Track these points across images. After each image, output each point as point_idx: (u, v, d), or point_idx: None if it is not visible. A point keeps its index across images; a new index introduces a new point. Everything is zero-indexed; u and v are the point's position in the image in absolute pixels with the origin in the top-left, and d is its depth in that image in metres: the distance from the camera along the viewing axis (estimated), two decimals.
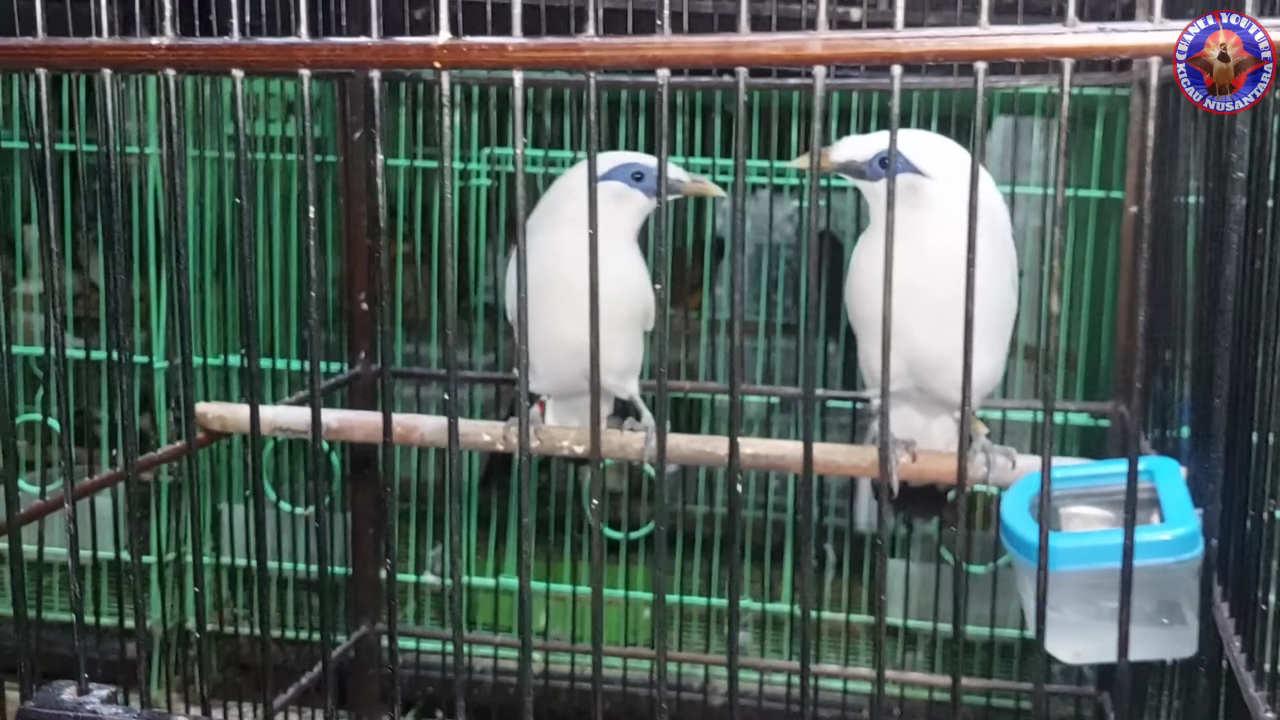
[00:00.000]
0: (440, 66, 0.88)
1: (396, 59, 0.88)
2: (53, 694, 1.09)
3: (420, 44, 0.88)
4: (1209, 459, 1.48)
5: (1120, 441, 2.21)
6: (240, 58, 0.90)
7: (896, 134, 0.85)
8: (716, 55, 0.84)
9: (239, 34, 0.90)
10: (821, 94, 0.85)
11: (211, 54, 0.91)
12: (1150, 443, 1.96)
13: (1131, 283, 2.21)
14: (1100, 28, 0.79)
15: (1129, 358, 2.23)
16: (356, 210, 2.57)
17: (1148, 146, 0.84)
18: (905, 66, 0.84)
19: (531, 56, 0.86)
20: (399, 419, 2.01)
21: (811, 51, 0.83)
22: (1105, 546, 1.48)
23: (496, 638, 2.95)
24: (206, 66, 0.91)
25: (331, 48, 0.89)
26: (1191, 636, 1.52)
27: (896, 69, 0.83)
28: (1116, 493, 1.63)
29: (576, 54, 0.86)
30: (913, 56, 0.82)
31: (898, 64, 0.83)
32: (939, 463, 1.86)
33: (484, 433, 1.96)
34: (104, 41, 0.93)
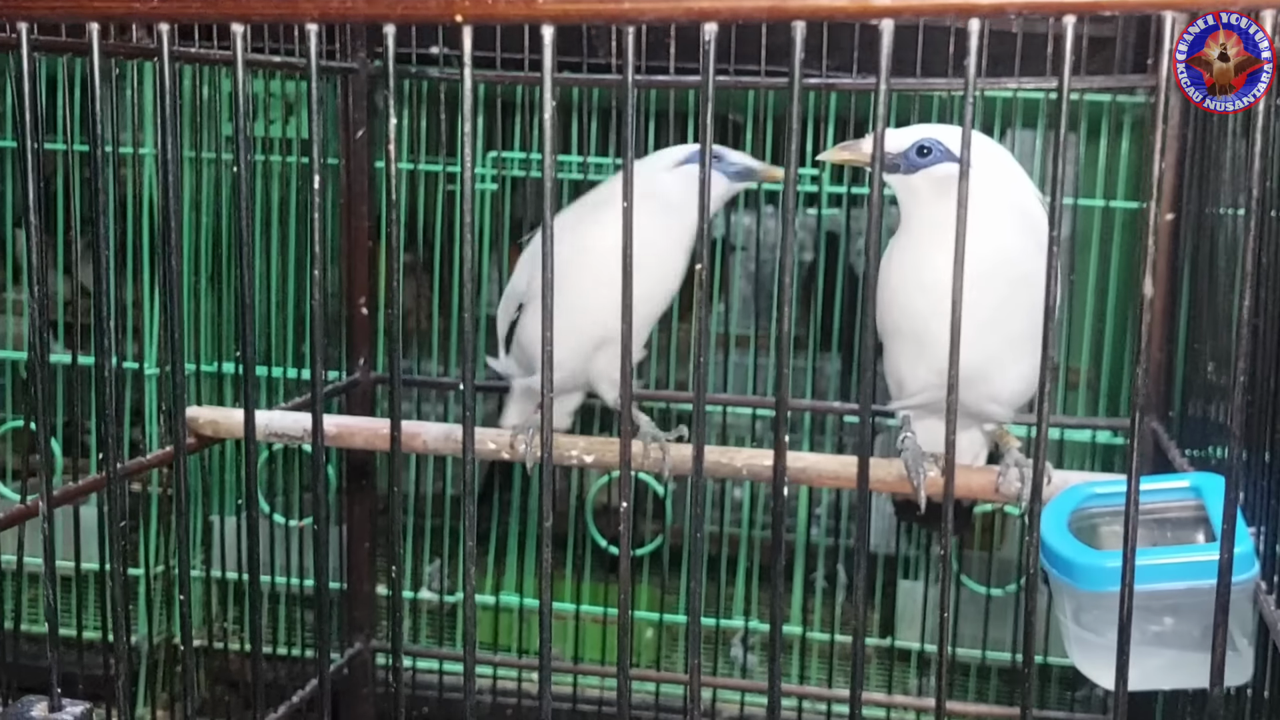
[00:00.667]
0: (463, 20, 0.79)
1: (414, 12, 0.79)
2: (23, 709, 1.00)
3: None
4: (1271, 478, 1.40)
5: (1152, 458, 2.12)
6: (241, 10, 0.82)
7: (972, 94, 0.76)
8: (771, 8, 0.75)
9: None
10: (888, 52, 0.76)
11: (210, 5, 0.82)
12: (1188, 460, 1.88)
13: (1166, 294, 2.12)
14: None
15: (1161, 372, 2.15)
16: (358, 213, 2.49)
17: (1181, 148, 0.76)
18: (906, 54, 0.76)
19: (564, 10, 0.78)
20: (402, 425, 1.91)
21: (879, 4, 0.74)
22: (1154, 566, 1.40)
23: (496, 656, 2.85)
24: (205, 19, 0.82)
25: (341, 0, 0.80)
26: (1244, 663, 1.43)
27: (974, 23, 0.75)
28: (1159, 509, 1.55)
29: (615, 7, 0.77)
30: (993, 10, 0.73)
31: (976, 17, 0.74)
32: (968, 478, 1.77)
33: (489, 440, 1.88)
34: None
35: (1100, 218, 2.60)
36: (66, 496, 1.77)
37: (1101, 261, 2.64)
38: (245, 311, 0.96)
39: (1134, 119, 2.53)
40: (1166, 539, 1.55)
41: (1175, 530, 1.55)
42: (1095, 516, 1.56)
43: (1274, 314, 1.42)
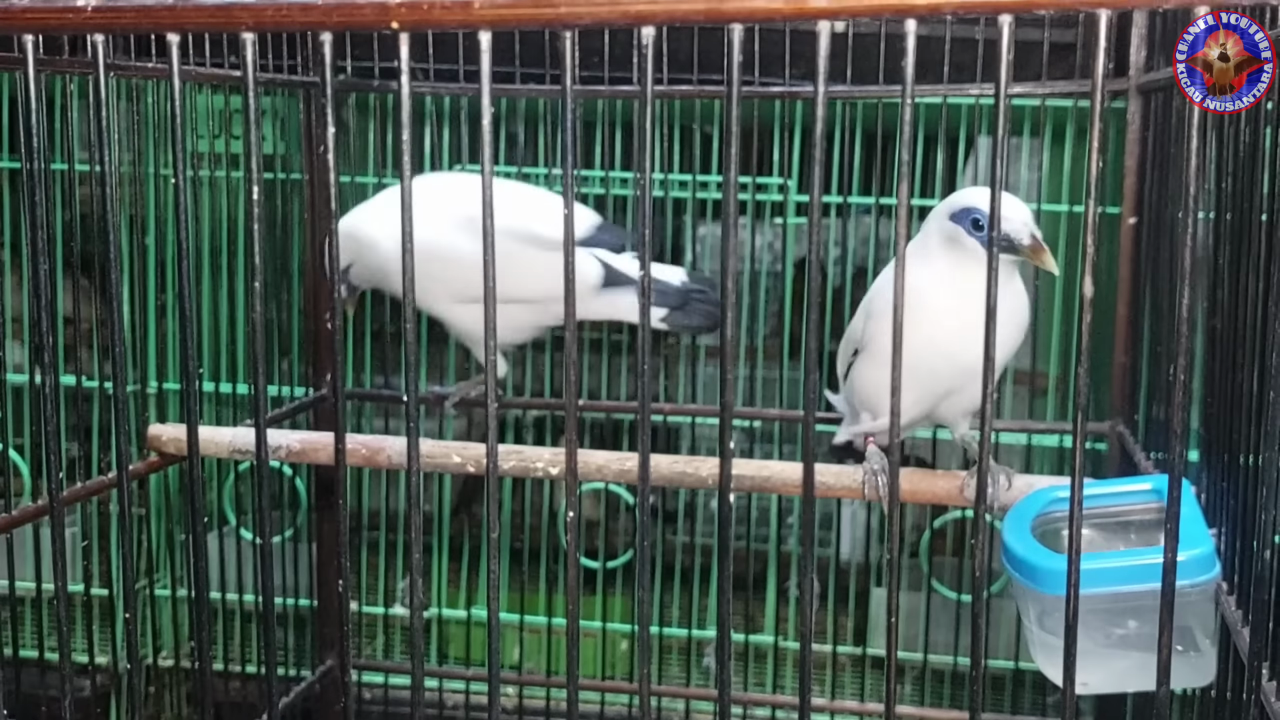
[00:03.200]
0: (399, 27, 0.78)
1: (350, 19, 0.79)
2: None
3: (376, 2, 0.78)
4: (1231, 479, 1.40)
5: (1119, 461, 2.12)
6: (176, 20, 0.81)
7: (909, 98, 0.76)
8: (709, 10, 0.75)
9: None
10: (826, 53, 0.76)
11: (145, 16, 0.81)
12: (1153, 463, 1.88)
13: (1129, 298, 2.13)
14: None
15: (1126, 375, 2.15)
16: (323, 228, 2.47)
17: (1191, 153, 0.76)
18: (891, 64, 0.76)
19: (500, 15, 0.77)
20: (364, 440, 1.91)
21: (816, 5, 0.74)
22: (1114, 569, 1.40)
23: (469, 671, 2.84)
24: (139, 29, 0.81)
25: (278, 8, 0.80)
26: (1207, 664, 1.43)
27: (911, 23, 0.74)
28: (1121, 513, 1.55)
29: (551, 11, 0.76)
30: (929, 9, 0.73)
31: (913, 17, 0.74)
32: (933, 482, 1.78)
33: (454, 454, 1.87)
34: (23, 3, 0.83)
35: (1066, 222, 2.61)
36: (26, 516, 1.76)
37: (1068, 266, 2.65)
38: (184, 324, 0.94)
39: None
40: (1130, 541, 1.55)
41: (1139, 532, 1.56)
42: (1059, 520, 1.56)
43: (1230, 316, 1.42)
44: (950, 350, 1.65)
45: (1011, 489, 1.72)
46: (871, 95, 2.33)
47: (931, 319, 1.64)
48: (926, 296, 1.64)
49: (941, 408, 1.75)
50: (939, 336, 1.64)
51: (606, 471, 1.83)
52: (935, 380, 1.69)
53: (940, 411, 1.76)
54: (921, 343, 1.61)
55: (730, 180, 0.77)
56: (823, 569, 3.18)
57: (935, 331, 1.64)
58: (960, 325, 1.62)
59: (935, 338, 1.64)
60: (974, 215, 1.64)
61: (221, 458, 2.21)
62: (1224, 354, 1.46)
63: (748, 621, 2.92)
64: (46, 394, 0.96)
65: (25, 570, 2.29)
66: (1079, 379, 0.71)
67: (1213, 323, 1.53)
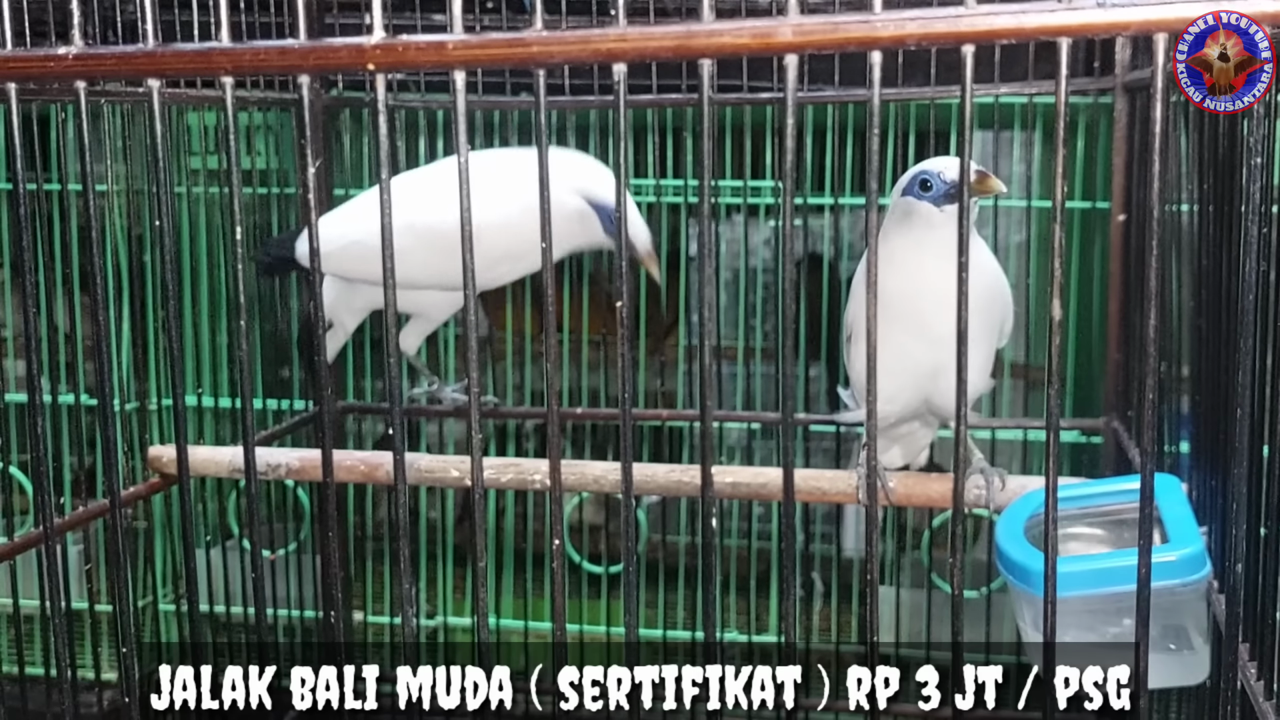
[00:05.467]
0: (374, 69, 0.80)
1: (326, 62, 0.80)
2: None
3: (352, 45, 0.80)
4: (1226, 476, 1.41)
5: (1114, 458, 2.14)
6: (156, 66, 0.82)
7: (878, 118, 0.77)
8: (677, 46, 0.76)
9: (154, 39, 0.81)
10: (794, 87, 0.77)
11: (125, 62, 0.83)
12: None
13: (1121, 294, 2.14)
14: (1099, 2, 0.72)
15: (1120, 371, 2.16)
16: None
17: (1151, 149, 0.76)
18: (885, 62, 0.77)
19: (473, 55, 0.79)
20: (362, 456, 1.92)
21: (782, 39, 0.75)
22: (1107, 570, 1.41)
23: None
24: (120, 76, 0.83)
25: (255, 52, 0.81)
26: (1201, 663, 1.44)
27: (875, 55, 0.76)
28: (1116, 512, 1.57)
29: (523, 50, 0.78)
30: (893, 40, 0.74)
31: (877, 49, 0.75)
32: (928, 485, 1.79)
33: (453, 468, 1.88)
34: (4, 52, 0.85)
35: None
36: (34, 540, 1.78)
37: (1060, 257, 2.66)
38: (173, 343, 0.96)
39: (1087, 120, 2.54)
40: (1124, 540, 1.56)
41: (1132, 531, 1.56)
42: None
43: (1215, 313, 1.43)
44: (922, 323, 1.66)
45: (1005, 490, 1.73)
46: (860, 99, 2.34)
47: (900, 293, 1.65)
48: (894, 271, 1.66)
49: (936, 396, 1.74)
50: (909, 309, 1.66)
51: (604, 482, 1.85)
52: (914, 357, 1.70)
53: (937, 401, 1.76)
54: (894, 317, 1.61)
55: (704, 187, 0.78)
56: (827, 566, 3.20)
57: (904, 306, 1.65)
58: (931, 294, 1.64)
59: (905, 311, 1.65)
60: (920, 178, 1.68)
61: (223, 477, 2.22)
62: (1210, 352, 1.47)
63: (754, 621, 2.93)
64: (39, 432, 0.98)
65: (31, 588, 2.30)
66: (1050, 399, 0.72)
67: (1198, 321, 1.54)
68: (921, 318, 1.66)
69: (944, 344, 1.65)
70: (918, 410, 1.80)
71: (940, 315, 1.57)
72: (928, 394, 1.75)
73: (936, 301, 1.59)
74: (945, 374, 1.69)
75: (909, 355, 1.68)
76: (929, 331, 1.66)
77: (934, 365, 1.70)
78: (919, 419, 1.86)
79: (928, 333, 1.66)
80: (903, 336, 1.66)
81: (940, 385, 1.73)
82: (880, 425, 1.79)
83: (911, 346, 1.68)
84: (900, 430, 1.89)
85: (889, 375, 1.67)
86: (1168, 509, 1.48)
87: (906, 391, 1.74)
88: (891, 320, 1.58)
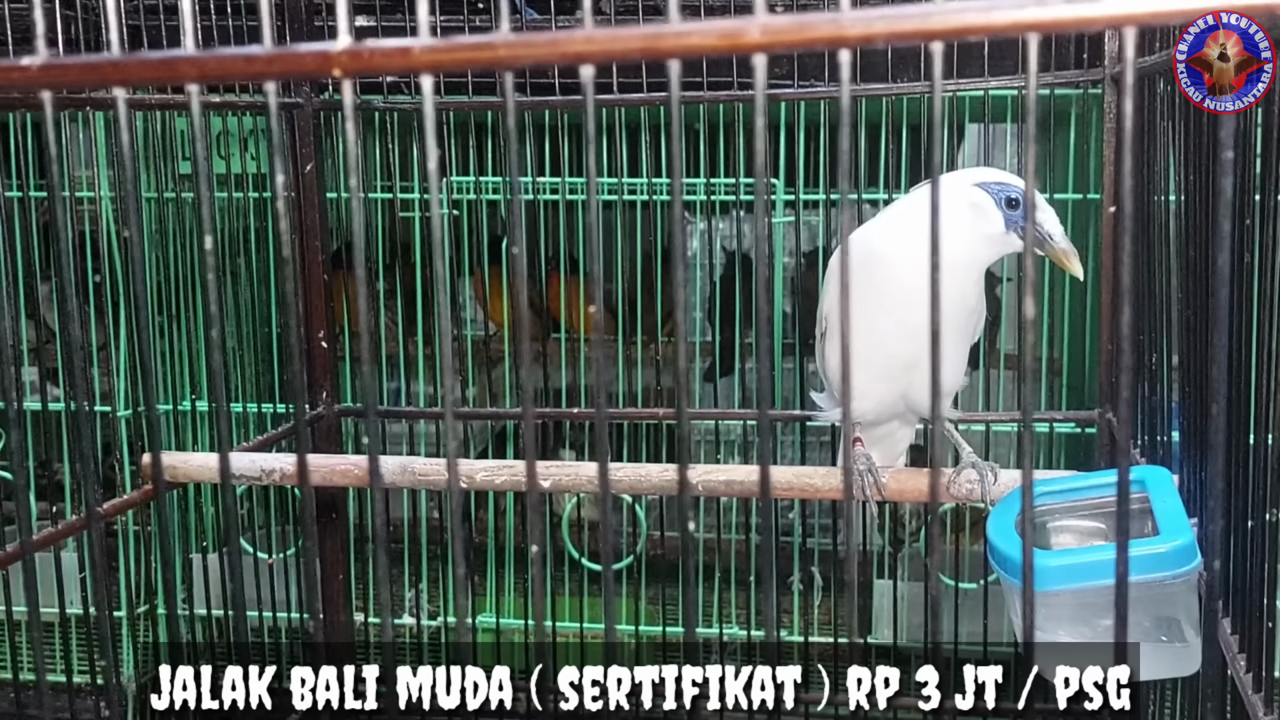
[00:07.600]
0: (340, 74, 0.79)
1: (291, 69, 0.80)
2: None
3: (318, 51, 0.79)
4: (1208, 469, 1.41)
5: (1109, 450, 2.13)
6: (121, 75, 0.82)
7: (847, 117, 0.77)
8: (644, 48, 0.76)
9: (119, 48, 0.81)
10: (763, 86, 0.77)
11: (90, 71, 0.82)
12: (1139, 450, 1.89)
13: (1113, 285, 2.13)
14: None
15: (1112, 363, 2.16)
16: (312, 245, 2.48)
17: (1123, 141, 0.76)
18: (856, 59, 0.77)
19: (439, 59, 0.78)
20: (357, 460, 1.93)
21: (750, 39, 0.75)
22: (1097, 564, 1.41)
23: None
24: (85, 85, 0.82)
25: (219, 59, 0.81)
26: (1193, 654, 1.44)
27: (845, 54, 0.75)
28: (1108, 504, 1.56)
29: (490, 54, 0.77)
30: (861, 39, 0.74)
31: (845, 48, 0.75)
32: (920, 480, 1.78)
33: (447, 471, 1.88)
34: None
35: None
36: (39, 543, 1.78)
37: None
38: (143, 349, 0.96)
39: (1078, 112, 2.54)
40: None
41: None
42: (1043, 515, 1.57)
43: (1202, 304, 1.43)
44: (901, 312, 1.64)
45: (998, 483, 1.73)
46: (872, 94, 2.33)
47: (886, 277, 1.65)
48: (887, 255, 1.66)
49: (912, 391, 1.73)
50: (891, 293, 1.63)
51: (599, 483, 1.84)
52: (890, 348, 1.67)
53: (913, 397, 1.74)
54: (874, 306, 1.61)
55: (677, 187, 0.78)
56: (825, 560, 3.20)
57: (886, 290, 1.63)
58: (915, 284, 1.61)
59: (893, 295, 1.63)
60: (1010, 194, 1.60)
61: (218, 482, 2.22)
62: (1198, 344, 1.46)
63: (754, 617, 2.93)
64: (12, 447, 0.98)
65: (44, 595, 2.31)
66: (1024, 397, 0.72)
67: (1186, 313, 1.54)
68: (906, 305, 1.63)
69: (920, 337, 1.64)
70: (894, 407, 1.78)
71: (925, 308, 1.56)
72: (903, 389, 1.73)
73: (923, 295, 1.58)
74: (920, 368, 1.67)
75: (884, 346, 1.67)
76: (908, 324, 1.64)
77: (911, 358, 1.68)
78: (897, 417, 1.84)
79: (907, 325, 1.64)
80: (883, 325, 1.64)
81: (915, 380, 1.71)
82: (857, 423, 1.79)
83: (889, 337, 1.66)
84: (879, 431, 1.88)
85: (865, 366, 1.66)
86: (1158, 501, 1.48)
87: (881, 385, 1.72)
88: (872, 309, 1.58)
